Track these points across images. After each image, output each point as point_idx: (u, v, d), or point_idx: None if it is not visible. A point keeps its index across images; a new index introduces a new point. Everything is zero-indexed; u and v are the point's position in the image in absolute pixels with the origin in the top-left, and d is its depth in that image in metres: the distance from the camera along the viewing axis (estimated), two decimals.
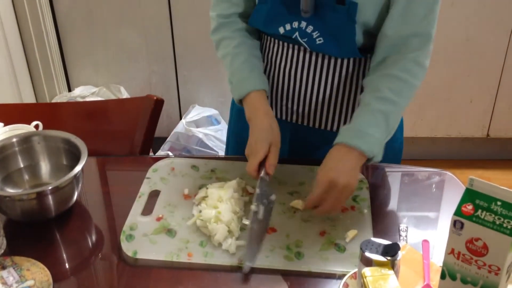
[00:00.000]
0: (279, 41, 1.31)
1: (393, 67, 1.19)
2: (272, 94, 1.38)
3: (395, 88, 1.17)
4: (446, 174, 1.34)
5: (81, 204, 1.27)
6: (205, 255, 1.09)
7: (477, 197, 0.86)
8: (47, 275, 1.04)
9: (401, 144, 1.44)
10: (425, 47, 1.19)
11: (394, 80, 1.18)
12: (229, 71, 1.31)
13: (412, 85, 1.19)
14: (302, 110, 1.35)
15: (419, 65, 1.19)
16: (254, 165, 1.17)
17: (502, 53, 2.54)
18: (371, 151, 1.13)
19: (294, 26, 1.23)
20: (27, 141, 1.29)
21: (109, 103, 1.82)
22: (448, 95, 2.65)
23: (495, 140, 2.82)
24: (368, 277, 0.87)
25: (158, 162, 1.36)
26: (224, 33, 1.33)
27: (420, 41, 1.19)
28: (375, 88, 1.18)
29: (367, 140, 1.13)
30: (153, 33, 2.62)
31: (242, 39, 1.32)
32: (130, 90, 2.75)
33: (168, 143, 2.61)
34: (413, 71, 1.19)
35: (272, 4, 1.23)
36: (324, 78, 1.29)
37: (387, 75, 1.19)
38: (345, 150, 1.13)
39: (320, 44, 1.23)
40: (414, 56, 1.19)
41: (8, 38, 2.41)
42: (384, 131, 1.16)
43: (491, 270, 0.86)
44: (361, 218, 1.18)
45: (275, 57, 1.33)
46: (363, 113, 1.17)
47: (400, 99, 1.18)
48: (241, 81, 1.28)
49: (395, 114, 1.18)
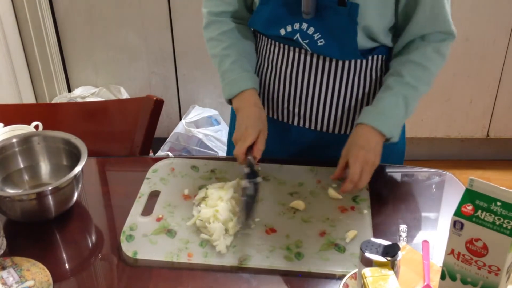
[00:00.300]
0: (279, 43, 1.31)
1: (416, 54, 1.25)
2: (272, 97, 1.38)
3: (416, 75, 1.25)
4: (446, 175, 1.34)
5: (81, 204, 1.27)
6: (205, 255, 1.09)
7: (477, 198, 0.86)
8: (47, 275, 1.04)
9: (403, 145, 1.45)
10: (447, 41, 1.27)
11: (415, 66, 1.25)
12: (218, 71, 1.34)
13: (432, 72, 1.27)
14: (303, 112, 1.35)
15: (440, 54, 1.27)
16: (243, 149, 1.21)
17: (502, 53, 2.54)
18: (390, 132, 1.22)
19: (295, 27, 1.23)
20: (27, 142, 1.29)
21: (109, 104, 1.82)
22: (448, 96, 2.65)
23: (495, 141, 2.82)
24: (368, 277, 0.87)
25: (158, 163, 1.36)
26: (213, 33, 1.34)
27: (442, 35, 1.26)
28: (398, 73, 1.25)
29: (387, 122, 1.22)
30: (153, 33, 2.62)
31: (231, 41, 1.33)
32: (130, 90, 2.75)
33: (168, 143, 2.61)
34: (434, 59, 1.26)
35: (273, 6, 1.23)
36: (325, 80, 1.30)
37: (410, 61, 1.25)
38: (368, 129, 1.21)
39: (321, 46, 1.23)
40: (435, 46, 1.25)
41: (8, 38, 2.41)
42: (404, 114, 1.24)
43: (491, 271, 0.86)
44: (361, 219, 1.18)
45: (275, 60, 1.33)
46: (386, 96, 1.24)
47: (420, 85, 1.25)
48: (230, 82, 1.30)
49: (415, 99, 1.26)
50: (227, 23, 1.34)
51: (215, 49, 1.34)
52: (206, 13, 1.35)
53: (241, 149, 1.21)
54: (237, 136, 1.23)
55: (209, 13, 1.35)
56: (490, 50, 2.53)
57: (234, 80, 1.30)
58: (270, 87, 1.37)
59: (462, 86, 2.62)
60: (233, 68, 1.30)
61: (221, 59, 1.32)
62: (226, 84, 1.31)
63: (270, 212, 1.20)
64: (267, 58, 1.35)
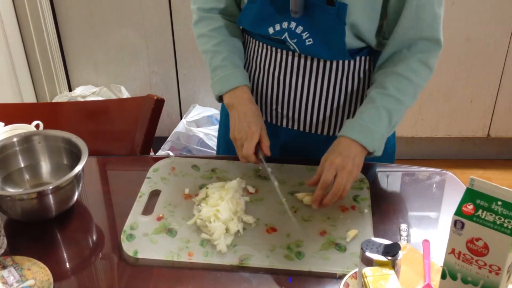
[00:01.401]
0: (267, 45, 1.30)
1: (401, 66, 1.21)
2: (261, 99, 1.37)
3: (401, 87, 1.20)
4: (446, 174, 1.34)
5: (81, 203, 1.27)
6: (206, 254, 1.09)
7: (478, 197, 0.86)
8: (47, 274, 1.04)
9: (393, 146, 1.44)
10: (434, 51, 1.22)
11: (400, 78, 1.21)
12: (209, 67, 1.32)
13: (417, 85, 1.22)
14: (292, 114, 1.35)
15: (426, 66, 1.22)
16: (252, 148, 1.20)
17: (503, 53, 2.53)
18: (372, 146, 1.17)
19: (283, 26, 1.23)
20: (27, 141, 1.29)
21: (109, 103, 1.82)
22: (448, 95, 2.64)
23: (496, 140, 2.82)
24: (368, 277, 0.87)
25: (158, 162, 1.36)
26: (204, 29, 1.33)
27: (429, 45, 1.22)
28: (382, 85, 1.21)
29: (369, 135, 1.17)
30: (153, 33, 2.62)
31: (222, 38, 1.32)
32: (131, 89, 2.75)
33: (169, 142, 2.61)
34: (419, 72, 1.22)
35: (261, 4, 1.22)
36: (313, 81, 1.29)
37: (394, 73, 1.21)
38: (349, 142, 1.17)
39: (309, 46, 1.23)
40: (421, 57, 1.21)
41: (9, 37, 2.41)
42: (387, 128, 1.19)
43: (492, 270, 0.86)
44: (361, 218, 1.18)
45: (263, 62, 1.33)
46: (368, 109, 1.20)
47: (405, 98, 1.21)
48: (222, 78, 1.28)
49: (399, 112, 1.21)
50: (218, 19, 1.33)
51: (206, 45, 1.33)
52: (196, 10, 1.35)
53: (251, 148, 1.20)
54: (240, 135, 1.22)
55: (199, 9, 1.34)
56: (491, 49, 2.53)
57: (226, 76, 1.28)
58: (259, 89, 1.36)
59: (463, 86, 2.62)
60: (225, 64, 1.29)
61: (212, 55, 1.31)
62: (218, 80, 1.29)
63: (271, 211, 1.20)
64: (255, 60, 1.34)
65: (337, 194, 1.15)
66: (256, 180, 1.29)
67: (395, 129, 1.22)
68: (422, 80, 1.23)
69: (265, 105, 1.37)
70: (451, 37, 2.49)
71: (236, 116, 1.24)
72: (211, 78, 1.32)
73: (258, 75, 1.35)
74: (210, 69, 1.32)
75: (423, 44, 1.21)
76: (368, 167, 1.35)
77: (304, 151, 1.39)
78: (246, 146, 1.20)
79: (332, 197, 1.15)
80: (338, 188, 1.14)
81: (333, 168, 1.14)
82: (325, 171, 1.15)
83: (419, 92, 1.24)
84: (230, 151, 1.35)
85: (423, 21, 1.19)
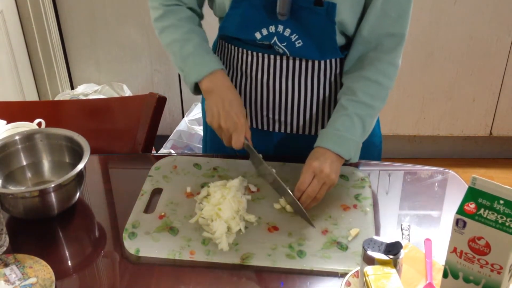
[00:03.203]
0: (252, 52, 1.28)
1: (368, 69, 1.22)
2: (251, 106, 1.35)
3: (371, 92, 1.22)
4: (448, 173, 1.34)
5: (83, 202, 1.27)
6: (208, 253, 1.09)
7: (480, 196, 0.86)
8: (49, 272, 1.04)
9: (379, 137, 1.44)
10: (399, 47, 1.23)
11: (369, 83, 1.22)
12: (179, 57, 1.27)
13: (387, 87, 1.24)
14: (284, 118, 1.34)
15: (393, 65, 1.24)
16: (243, 139, 1.19)
17: (505, 52, 2.53)
18: (348, 154, 1.19)
19: (271, 30, 1.21)
20: (29, 139, 1.29)
21: (111, 101, 1.82)
22: (451, 94, 2.64)
23: (498, 139, 2.82)
24: (370, 275, 0.87)
25: (160, 160, 1.36)
26: (170, 20, 1.28)
27: (394, 41, 1.22)
28: (352, 91, 1.22)
29: (344, 144, 1.18)
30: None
31: (191, 27, 1.28)
32: (133, 88, 2.75)
33: (171, 141, 2.61)
34: (388, 73, 1.23)
35: (244, 9, 1.20)
36: (303, 82, 1.29)
37: (363, 77, 1.22)
38: (324, 151, 1.18)
39: (300, 47, 1.22)
40: (388, 58, 1.22)
41: (11, 36, 2.42)
42: (361, 134, 1.21)
43: (494, 269, 0.86)
44: (363, 217, 1.18)
45: (249, 69, 1.30)
46: (340, 116, 1.21)
47: (376, 103, 1.22)
48: (198, 64, 1.24)
49: (371, 117, 1.22)
50: (184, 10, 1.29)
51: (174, 34, 1.27)
52: (158, 5, 1.29)
53: (241, 139, 1.18)
54: (228, 126, 1.18)
55: (161, 4, 1.28)
56: (493, 48, 2.52)
57: (202, 62, 1.24)
58: (247, 96, 1.34)
59: (465, 85, 2.62)
60: (198, 51, 1.25)
61: (182, 44, 1.26)
62: (193, 66, 1.24)
63: (272, 210, 1.20)
64: (241, 68, 1.32)
65: (311, 196, 1.15)
66: (258, 179, 1.29)
67: (368, 134, 1.23)
68: (391, 81, 1.24)
69: (255, 112, 1.35)
70: (453, 36, 2.49)
71: (220, 103, 1.20)
72: (181, 69, 1.27)
73: (245, 82, 1.33)
74: (179, 59, 1.27)
75: (388, 41, 1.22)
76: (370, 166, 1.35)
77: (298, 153, 1.38)
78: (237, 138, 1.18)
79: (306, 198, 1.15)
80: (313, 189, 1.15)
81: (311, 171, 1.15)
82: (302, 174, 1.16)
83: (388, 93, 1.25)
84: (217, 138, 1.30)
85: (389, 17, 1.19)
